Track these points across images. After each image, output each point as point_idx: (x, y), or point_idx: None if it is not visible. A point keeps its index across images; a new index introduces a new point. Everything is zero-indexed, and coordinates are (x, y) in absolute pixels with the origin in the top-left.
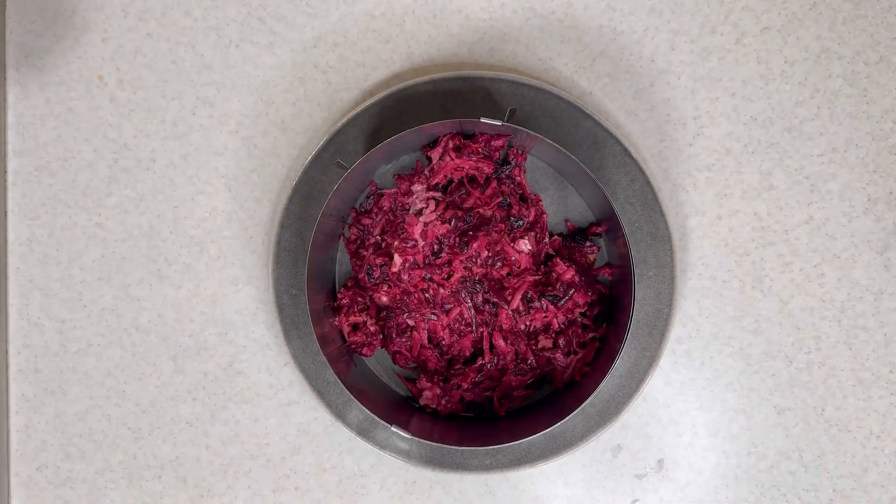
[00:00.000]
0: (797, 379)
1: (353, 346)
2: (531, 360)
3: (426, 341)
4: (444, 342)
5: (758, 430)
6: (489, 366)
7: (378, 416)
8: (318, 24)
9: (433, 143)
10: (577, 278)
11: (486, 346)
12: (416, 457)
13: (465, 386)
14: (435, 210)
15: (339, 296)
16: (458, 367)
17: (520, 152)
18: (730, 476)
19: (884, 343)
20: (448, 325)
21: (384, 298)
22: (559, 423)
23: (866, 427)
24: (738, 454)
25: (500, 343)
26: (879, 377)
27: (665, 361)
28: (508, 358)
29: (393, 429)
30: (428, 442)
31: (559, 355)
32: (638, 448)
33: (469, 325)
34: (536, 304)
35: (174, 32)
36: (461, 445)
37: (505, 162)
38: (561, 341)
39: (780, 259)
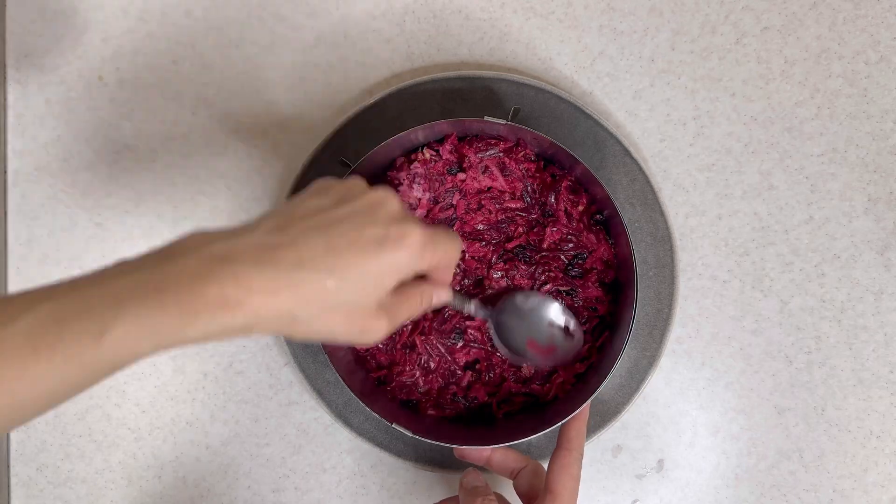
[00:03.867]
0: (797, 379)
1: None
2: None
3: None
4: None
5: (758, 430)
6: (486, 377)
7: (379, 415)
8: (318, 24)
9: (439, 142)
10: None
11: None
12: (416, 457)
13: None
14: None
15: None
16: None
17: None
18: (730, 476)
19: (884, 343)
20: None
21: None
22: (559, 424)
23: (866, 427)
24: (738, 454)
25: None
26: (879, 377)
27: (665, 361)
28: (506, 367)
29: (394, 426)
30: (428, 441)
31: (535, 385)
32: (638, 448)
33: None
34: None
35: (174, 32)
36: (461, 445)
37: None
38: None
39: (780, 259)
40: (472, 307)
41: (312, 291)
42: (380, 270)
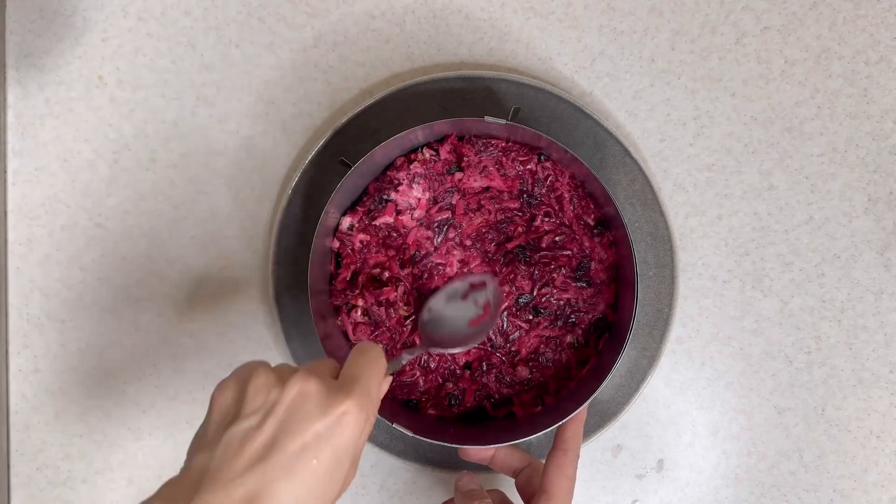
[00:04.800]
0: (797, 379)
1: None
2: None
3: None
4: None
5: (758, 430)
6: (482, 380)
7: (379, 415)
8: (318, 24)
9: (439, 142)
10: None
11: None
12: (416, 457)
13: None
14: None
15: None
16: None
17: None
18: (730, 476)
19: (884, 343)
20: None
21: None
22: (559, 423)
23: (866, 427)
24: (738, 454)
25: (495, 358)
26: (879, 377)
27: (665, 361)
28: (504, 368)
29: (395, 426)
30: (428, 441)
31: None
32: (638, 448)
33: None
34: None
35: (174, 32)
36: (461, 445)
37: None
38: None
39: (780, 259)
40: (405, 358)
41: None
42: (342, 451)
